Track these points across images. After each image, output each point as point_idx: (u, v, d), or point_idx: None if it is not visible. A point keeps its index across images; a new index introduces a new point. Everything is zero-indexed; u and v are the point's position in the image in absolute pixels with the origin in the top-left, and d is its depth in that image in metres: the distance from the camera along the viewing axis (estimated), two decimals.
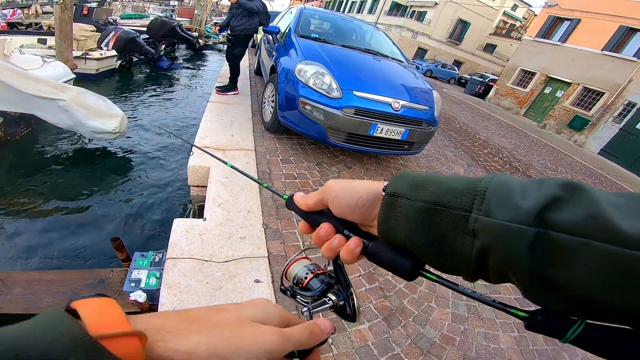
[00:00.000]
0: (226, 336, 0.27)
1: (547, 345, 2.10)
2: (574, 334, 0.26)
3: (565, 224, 0.25)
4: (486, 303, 0.31)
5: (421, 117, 3.39)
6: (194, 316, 0.28)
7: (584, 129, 14.13)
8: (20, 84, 3.62)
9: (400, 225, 0.34)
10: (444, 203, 0.31)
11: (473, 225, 0.29)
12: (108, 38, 8.62)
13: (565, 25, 16.09)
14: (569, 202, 0.26)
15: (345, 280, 0.44)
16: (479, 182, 0.30)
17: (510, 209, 0.27)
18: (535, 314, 0.28)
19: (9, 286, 2.29)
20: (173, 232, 2.11)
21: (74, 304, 0.23)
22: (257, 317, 0.31)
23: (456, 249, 0.30)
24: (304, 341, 0.32)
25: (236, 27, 4.61)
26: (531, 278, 0.26)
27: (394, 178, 0.37)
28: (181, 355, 0.25)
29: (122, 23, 13.05)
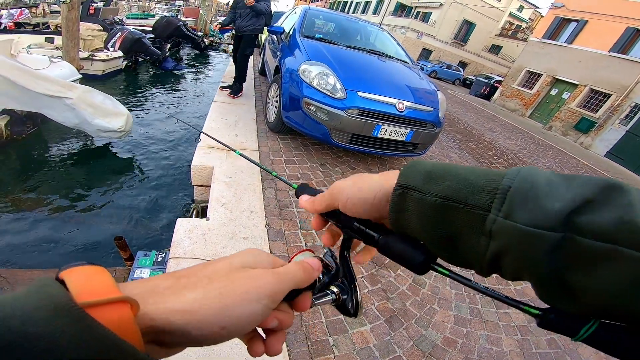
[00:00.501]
0: (222, 287, 0.26)
1: (550, 348, 2.08)
2: (587, 332, 0.25)
3: (594, 228, 0.23)
4: (498, 299, 0.31)
5: (425, 118, 3.37)
6: (184, 273, 0.28)
7: (591, 131, 14.01)
8: (29, 82, 3.66)
9: (412, 219, 0.32)
10: (460, 199, 0.29)
11: (490, 226, 0.26)
12: (114, 39, 8.68)
13: (572, 27, 15.97)
14: (601, 205, 0.24)
15: (350, 274, 0.43)
16: (501, 178, 0.28)
17: (534, 211, 0.25)
18: (548, 311, 0.27)
19: (12, 285, 2.31)
20: (176, 231, 2.11)
21: (62, 273, 0.22)
22: (248, 263, 0.30)
23: (470, 246, 0.29)
24: (299, 278, 0.31)
25: (245, 27, 4.54)
26: (548, 281, 0.25)
27: (406, 168, 0.34)
28: (180, 315, 0.24)
29: (128, 23, 13.16)
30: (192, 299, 0.25)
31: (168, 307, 0.24)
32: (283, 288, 0.30)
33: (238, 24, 4.58)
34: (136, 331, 0.21)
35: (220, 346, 1.49)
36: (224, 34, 18.32)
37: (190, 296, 0.25)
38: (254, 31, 4.59)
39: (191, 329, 0.24)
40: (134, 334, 0.21)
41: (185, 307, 0.24)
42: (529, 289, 2.61)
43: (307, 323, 1.76)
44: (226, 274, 0.28)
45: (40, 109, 3.91)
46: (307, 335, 1.70)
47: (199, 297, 0.25)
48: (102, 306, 0.20)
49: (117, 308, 0.21)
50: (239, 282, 0.27)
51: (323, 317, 1.82)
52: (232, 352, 1.49)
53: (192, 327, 0.24)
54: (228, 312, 0.25)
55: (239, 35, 4.75)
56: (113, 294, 0.21)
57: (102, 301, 0.21)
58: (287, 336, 1.65)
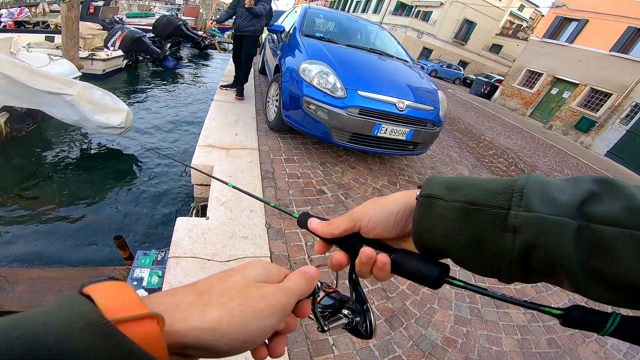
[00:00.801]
0: (241, 303, 0.28)
1: (550, 348, 2.08)
2: (612, 325, 0.26)
3: (606, 216, 0.25)
4: (518, 304, 0.31)
5: (426, 117, 3.37)
6: (203, 288, 0.29)
7: (591, 131, 13.99)
8: (29, 79, 3.65)
9: (436, 227, 0.34)
10: (481, 202, 0.31)
11: (513, 221, 0.29)
12: (114, 38, 8.67)
13: (572, 26, 15.93)
14: (606, 196, 0.27)
15: (360, 296, 0.44)
16: (514, 181, 0.31)
17: (551, 203, 0.28)
18: (570, 310, 0.28)
19: (12, 284, 2.31)
20: (176, 230, 2.11)
21: (86, 289, 0.23)
22: (260, 277, 0.32)
23: (496, 247, 0.30)
24: (303, 290, 0.34)
25: (245, 28, 4.44)
26: (579, 271, 0.26)
27: (428, 181, 0.37)
28: (208, 333, 0.26)
29: (128, 22, 13.14)
30: (218, 316, 0.27)
31: (197, 325, 0.26)
32: (292, 302, 0.32)
33: (239, 22, 4.45)
34: (163, 347, 0.22)
35: None
36: (224, 33, 18.30)
37: (215, 314, 0.27)
38: (255, 32, 4.51)
39: (220, 344, 0.26)
40: (161, 349, 0.22)
41: (213, 325, 0.26)
42: (529, 289, 2.61)
43: (307, 322, 1.76)
44: (243, 290, 0.30)
45: (40, 106, 3.91)
46: (307, 335, 1.70)
47: (224, 314, 0.27)
48: (131, 322, 0.21)
49: (144, 324, 0.22)
50: (255, 300, 0.29)
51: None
52: None
53: (220, 343, 0.26)
54: (248, 328, 0.28)
55: (239, 35, 4.63)
56: (139, 310, 0.22)
57: (131, 317, 0.21)
58: (287, 336, 1.65)
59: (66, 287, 2.33)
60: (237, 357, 1.19)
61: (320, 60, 3.31)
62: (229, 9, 4.67)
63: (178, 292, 0.29)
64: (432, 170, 4.28)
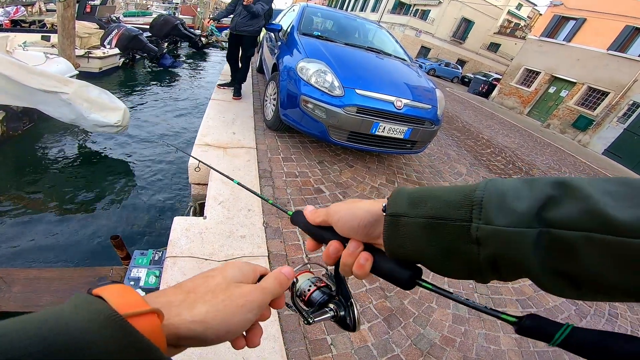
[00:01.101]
0: (223, 300, 0.33)
1: (547, 347, 2.07)
2: (562, 336, 0.27)
3: (565, 220, 0.26)
4: (478, 309, 0.33)
5: (424, 116, 3.36)
6: (189, 288, 0.34)
7: (588, 129, 14.03)
8: (24, 78, 3.63)
9: (406, 242, 0.36)
10: (443, 216, 0.33)
11: (475, 234, 0.30)
12: (111, 36, 8.63)
13: (570, 25, 15.96)
14: (563, 200, 0.27)
15: (346, 291, 0.47)
16: (473, 191, 0.32)
17: (509, 213, 0.28)
18: (523, 318, 0.29)
19: (9, 284, 2.29)
20: (173, 230, 2.10)
21: (95, 291, 0.27)
22: (237, 278, 0.37)
23: (464, 257, 0.32)
24: (277, 291, 0.39)
25: (243, 28, 4.26)
26: (544, 275, 0.27)
27: (392, 198, 0.38)
28: (197, 324, 0.30)
29: (125, 21, 13.10)
30: (205, 311, 0.32)
31: (188, 318, 0.30)
32: (267, 299, 0.37)
33: (237, 21, 4.27)
34: (163, 337, 0.27)
35: (218, 346, 1.48)
36: (222, 32, 18.23)
37: (202, 309, 0.32)
38: (253, 33, 4.35)
39: (208, 334, 0.31)
40: (162, 340, 0.27)
41: (201, 318, 0.31)
42: (527, 288, 2.61)
43: None
44: (225, 289, 0.35)
45: (36, 105, 3.88)
46: (304, 335, 1.69)
47: (210, 309, 0.32)
48: (138, 317, 0.25)
49: (148, 318, 0.26)
50: (236, 297, 0.34)
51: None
52: (230, 351, 1.48)
53: (208, 333, 0.31)
54: (231, 320, 0.33)
55: (236, 35, 4.44)
56: (144, 307, 0.26)
57: (138, 312, 0.25)
58: (284, 335, 1.65)
59: (63, 287, 2.31)
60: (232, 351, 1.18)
61: (318, 59, 3.29)
62: (229, 5, 4.48)
63: (168, 292, 0.33)
64: (430, 168, 4.28)
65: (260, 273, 0.41)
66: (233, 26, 4.35)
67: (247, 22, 4.24)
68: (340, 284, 0.47)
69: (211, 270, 0.38)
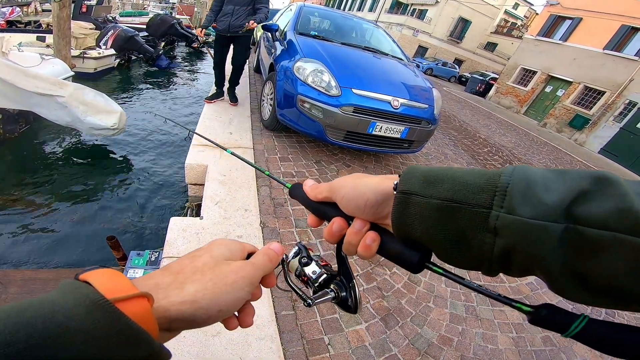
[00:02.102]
0: (212, 279, 0.32)
1: (545, 346, 2.08)
2: (577, 328, 0.26)
3: (594, 218, 0.24)
4: (491, 297, 0.31)
5: (421, 115, 3.36)
6: (177, 269, 0.33)
7: (585, 128, 14.09)
8: (19, 80, 3.60)
9: (415, 223, 0.33)
10: (461, 200, 0.30)
11: (494, 222, 0.27)
12: (107, 37, 8.58)
13: (566, 24, 16.03)
14: (597, 195, 0.25)
15: (348, 272, 0.44)
16: (498, 176, 0.29)
17: (535, 205, 0.26)
18: (539, 308, 0.28)
19: (5, 285, 2.28)
20: (169, 230, 2.09)
21: (82, 276, 0.26)
22: (225, 255, 0.36)
23: (475, 246, 0.29)
24: (267, 266, 0.38)
25: (239, 28, 3.81)
26: (560, 274, 0.25)
27: (405, 174, 0.35)
28: (188, 305, 0.30)
29: (121, 21, 13.03)
30: (194, 290, 0.31)
31: (177, 299, 0.29)
32: (258, 276, 0.36)
33: (230, 22, 3.80)
34: (154, 321, 0.26)
35: (215, 346, 1.48)
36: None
37: (191, 289, 0.31)
38: (251, 31, 3.89)
39: (199, 314, 0.30)
40: (152, 323, 0.26)
41: (191, 298, 0.30)
42: (524, 287, 2.61)
43: (302, 322, 1.75)
44: (213, 267, 0.33)
45: (32, 107, 3.85)
46: (302, 335, 1.69)
47: (199, 288, 0.31)
48: (127, 301, 0.25)
49: (137, 302, 0.25)
50: (225, 275, 0.33)
51: (318, 316, 1.81)
52: (227, 351, 1.48)
53: (199, 313, 0.30)
54: (222, 298, 0.32)
55: (229, 37, 3.98)
56: (132, 291, 0.26)
57: (126, 297, 0.25)
58: (282, 335, 1.64)
59: None
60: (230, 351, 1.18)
61: (315, 59, 3.29)
62: (213, 6, 3.95)
63: (155, 275, 0.32)
64: None
65: (248, 251, 0.39)
66: (225, 28, 3.86)
67: (244, 20, 3.79)
68: (342, 263, 0.45)
69: (198, 250, 0.36)
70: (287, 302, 1.83)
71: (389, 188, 0.36)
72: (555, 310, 0.27)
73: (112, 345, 0.22)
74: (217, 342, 1.50)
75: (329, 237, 0.41)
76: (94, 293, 0.23)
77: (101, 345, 0.21)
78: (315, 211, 0.45)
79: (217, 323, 0.33)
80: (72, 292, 0.23)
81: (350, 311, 0.44)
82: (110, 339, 0.22)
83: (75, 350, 0.20)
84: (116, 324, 0.22)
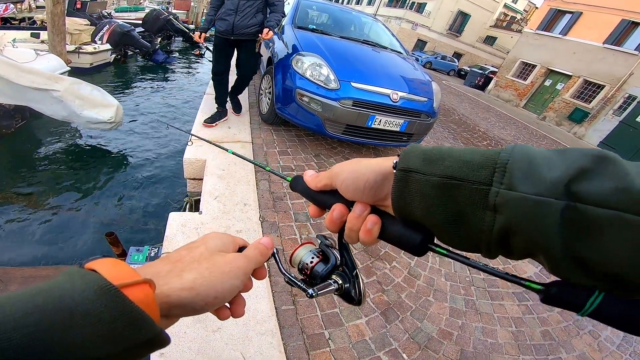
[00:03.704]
0: (208, 268, 0.34)
1: (544, 340, 2.08)
2: (592, 306, 0.25)
3: (595, 196, 0.23)
4: (499, 276, 0.31)
5: (420, 108, 3.34)
6: (175, 258, 0.35)
7: (584, 122, 14.10)
8: (14, 75, 3.57)
9: (415, 202, 0.32)
10: (461, 177, 0.29)
11: (494, 199, 0.27)
12: (102, 32, 8.49)
13: (566, 18, 15.96)
14: (597, 174, 0.24)
15: (351, 262, 0.44)
16: (497, 154, 0.28)
17: (536, 181, 0.25)
18: (550, 286, 0.27)
19: (5, 282, 2.28)
20: (169, 226, 2.08)
21: (88, 265, 0.27)
22: (219, 247, 0.38)
23: (474, 225, 0.28)
24: (258, 260, 0.40)
25: (247, 30, 3.09)
26: (561, 254, 0.24)
27: (405, 152, 0.34)
28: (186, 292, 0.31)
29: (116, 16, 12.89)
30: (193, 278, 0.32)
31: (177, 286, 0.31)
32: (250, 267, 0.38)
33: (234, 22, 3.03)
34: (156, 306, 0.27)
35: (216, 342, 1.47)
36: None
37: (190, 276, 0.32)
38: (256, 33, 3.19)
39: (197, 300, 0.32)
40: (155, 308, 0.27)
41: (190, 285, 0.32)
42: None
43: (303, 317, 1.74)
44: (209, 257, 0.35)
45: (27, 102, 3.82)
46: (302, 329, 1.68)
47: (197, 276, 0.33)
48: (131, 287, 0.26)
49: (141, 288, 0.26)
50: (221, 265, 0.35)
51: (319, 311, 1.80)
52: (228, 346, 1.47)
53: (197, 299, 0.32)
54: (218, 286, 0.33)
55: (231, 41, 3.19)
56: (136, 277, 0.27)
57: (130, 282, 0.26)
58: (282, 330, 1.64)
59: None
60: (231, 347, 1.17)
61: (313, 52, 3.26)
62: (212, 2, 3.22)
63: (155, 264, 0.34)
64: None
65: (239, 244, 0.41)
66: (228, 29, 3.07)
67: (251, 19, 3.06)
68: (344, 252, 0.44)
69: (193, 242, 0.38)
70: (287, 296, 1.82)
71: (389, 167, 0.36)
72: (567, 287, 0.26)
73: (117, 327, 0.23)
74: (218, 337, 1.50)
75: (330, 224, 0.41)
76: (101, 279, 0.24)
77: (107, 328, 0.22)
78: (316, 201, 0.44)
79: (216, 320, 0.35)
80: (81, 278, 0.24)
81: (354, 303, 0.43)
82: (117, 322, 0.23)
83: (83, 332, 0.22)
84: (122, 308, 0.23)
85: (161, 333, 0.26)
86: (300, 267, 0.46)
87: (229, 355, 1.45)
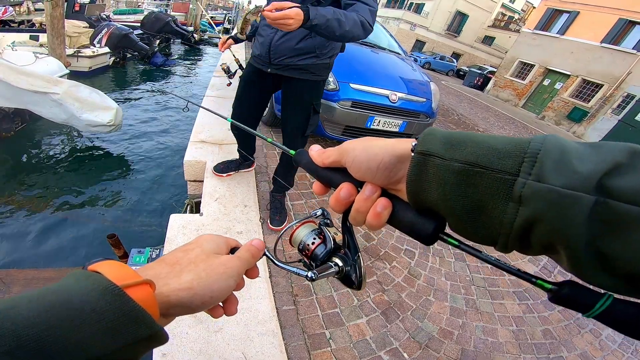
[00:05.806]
0: (205, 269, 0.36)
1: (545, 339, 2.09)
2: (601, 308, 0.24)
3: (627, 192, 0.22)
4: (510, 272, 0.30)
5: (419, 109, 3.35)
6: (172, 260, 0.37)
7: (583, 121, 14.13)
8: (13, 78, 3.58)
9: (432, 188, 0.30)
10: (485, 164, 0.27)
11: (520, 191, 0.25)
12: (101, 35, 8.50)
13: (564, 18, 16.01)
14: (631, 169, 0.23)
15: (354, 245, 0.42)
16: (527, 143, 0.26)
17: (568, 174, 0.24)
18: (562, 285, 0.26)
19: (8, 285, 2.28)
20: (170, 228, 2.08)
21: (91, 267, 0.28)
22: (213, 249, 0.40)
23: (495, 216, 0.27)
24: (250, 260, 0.42)
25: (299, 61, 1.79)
26: (585, 249, 0.23)
27: (425, 135, 0.32)
28: (184, 291, 0.33)
29: (115, 19, 12.92)
30: (190, 278, 0.35)
31: (176, 286, 0.33)
32: (243, 268, 0.41)
33: (272, 44, 1.76)
34: (156, 305, 0.29)
35: (218, 342, 1.48)
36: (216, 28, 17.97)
37: (188, 277, 0.35)
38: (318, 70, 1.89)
39: (194, 300, 0.34)
40: (155, 308, 0.29)
41: (187, 285, 0.34)
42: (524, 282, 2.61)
43: (304, 317, 1.75)
44: (205, 259, 0.38)
45: (27, 105, 3.84)
46: (303, 329, 1.69)
47: (194, 277, 0.35)
48: (133, 287, 0.27)
49: (142, 288, 0.28)
50: (216, 266, 0.37)
51: (319, 311, 1.81)
52: (229, 347, 1.48)
53: (195, 299, 0.34)
54: (213, 286, 0.36)
55: (267, 74, 1.91)
56: (138, 278, 0.29)
57: (132, 283, 0.28)
58: (283, 330, 1.64)
59: None
60: (232, 347, 1.18)
61: None
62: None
63: (154, 266, 0.36)
64: None
65: (231, 245, 0.44)
66: (263, 54, 1.84)
67: (300, 43, 1.75)
68: (347, 235, 0.42)
69: (188, 244, 0.41)
70: (288, 297, 1.83)
71: (406, 150, 0.34)
72: (578, 288, 0.26)
73: (120, 325, 0.25)
74: (220, 337, 1.50)
75: (336, 204, 0.39)
76: (105, 280, 0.26)
77: (112, 325, 0.24)
78: (321, 178, 0.41)
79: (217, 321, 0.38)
80: (86, 279, 0.26)
81: (354, 287, 0.42)
82: (120, 320, 0.25)
83: (90, 329, 0.23)
84: (125, 307, 0.25)
85: (160, 331, 0.28)
86: (300, 248, 0.46)
87: (230, 356, 1.45)
